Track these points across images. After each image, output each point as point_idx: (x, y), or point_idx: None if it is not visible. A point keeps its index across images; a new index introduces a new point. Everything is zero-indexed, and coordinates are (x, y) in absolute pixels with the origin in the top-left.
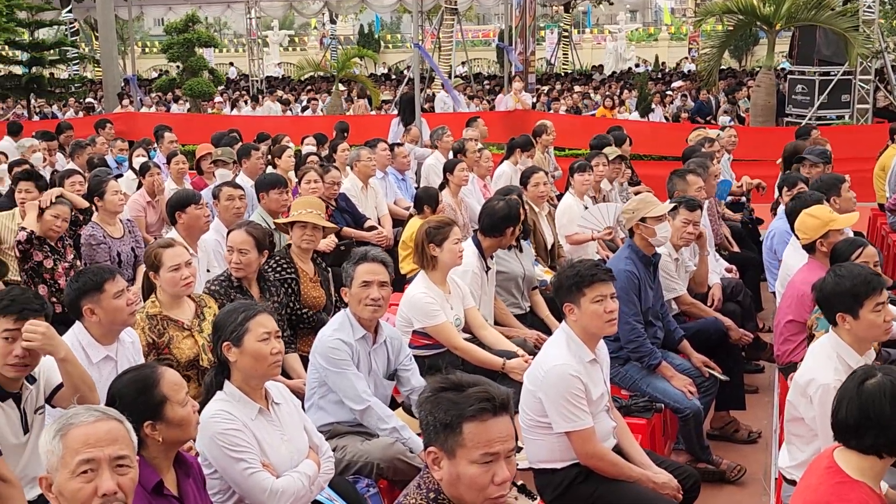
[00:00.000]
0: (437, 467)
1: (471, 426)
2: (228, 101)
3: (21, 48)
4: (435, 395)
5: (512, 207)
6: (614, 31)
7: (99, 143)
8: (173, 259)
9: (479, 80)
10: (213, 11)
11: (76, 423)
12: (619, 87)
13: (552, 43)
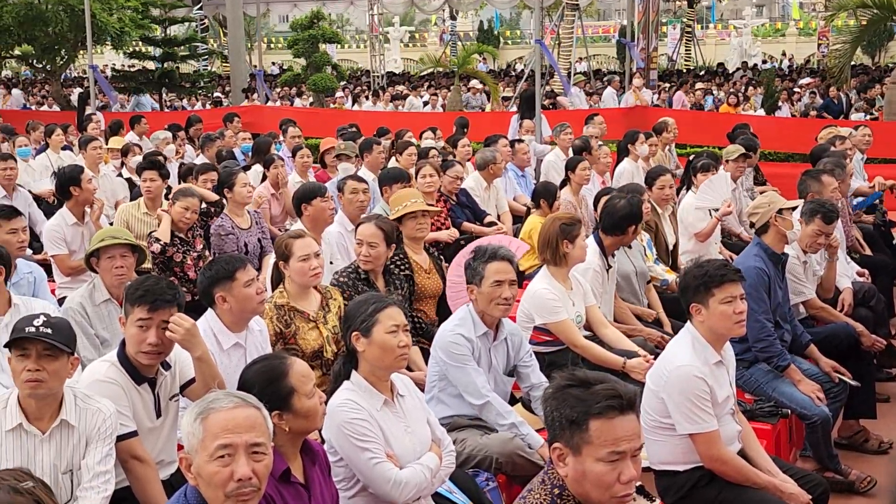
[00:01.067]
0: (563, 464)
1: (597, 423)
2: (350, 96)
3: (154, 44)
4: (561, 392)
5: (633, 206)
6: (739, 27)
7: (227, 137)
8: (303, 249)
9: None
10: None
11: (216, 409)
12: (744, 83)
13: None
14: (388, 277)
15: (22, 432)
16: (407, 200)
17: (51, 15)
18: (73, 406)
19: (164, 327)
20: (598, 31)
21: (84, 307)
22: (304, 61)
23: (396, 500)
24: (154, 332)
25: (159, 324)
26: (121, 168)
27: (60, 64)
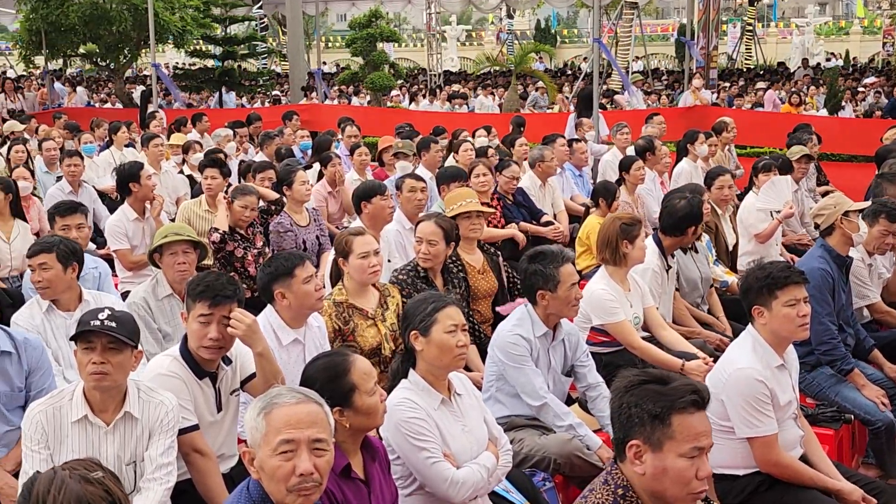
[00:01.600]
0: (639, 461)
1: (680, 419)
2: (407, 95)
3: (215, 43)
4: (638, 387)
5: (693, 206)
6: (801, 25)
7: (287, 134)
8: (363, 247)
9: (657, 76)
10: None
11: (279, 404)
12: (806, 82)
13: (734, 37)
14: (446, 276)
15: (87, 424)
16: (462, 200)
17: (115, 14)
18: (136, 398)
19: (225, 322)
20: (657, 30)
21: (147, 302)
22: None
23: (453, 499)
24: (215, 328)
25: (220, 319)
26: (182, 165)
27: (123, 62)
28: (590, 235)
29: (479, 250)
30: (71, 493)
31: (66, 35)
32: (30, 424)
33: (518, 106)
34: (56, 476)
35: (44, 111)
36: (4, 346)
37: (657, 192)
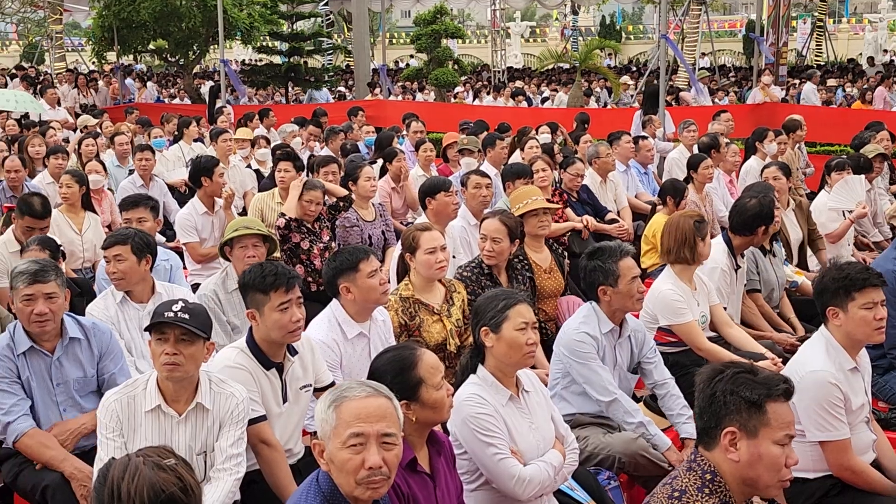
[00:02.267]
0: (734, 448)
1: (775, 406)
2: (471, 91)
3: (282, 39)
4: (731, 376)
5: (764, 206)
6: (874, 21)
7: (356, 130)
8: (430, 242)
9: (724, 72)
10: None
11: (349, 397)
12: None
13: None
14: (511, 273)
15: (160, 413)
16: (528, 198)
17: (185, 11)
18: (207, 390)
19: (300, 304)
20: (724, 26)
21: (217, 294)
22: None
23: (519, 496)
24: (297, 310)
25: (296, 301)
26: (249, 159)
27: (192, 58)
28: (656, 234)
29: (546, 249)
30: (144, 480)
31: (137, 31)
32: (105, 413)
33: (582, 102)
34: (130, 462)
35: (115, 106)
36: (74, 333)
37: (722, 191)
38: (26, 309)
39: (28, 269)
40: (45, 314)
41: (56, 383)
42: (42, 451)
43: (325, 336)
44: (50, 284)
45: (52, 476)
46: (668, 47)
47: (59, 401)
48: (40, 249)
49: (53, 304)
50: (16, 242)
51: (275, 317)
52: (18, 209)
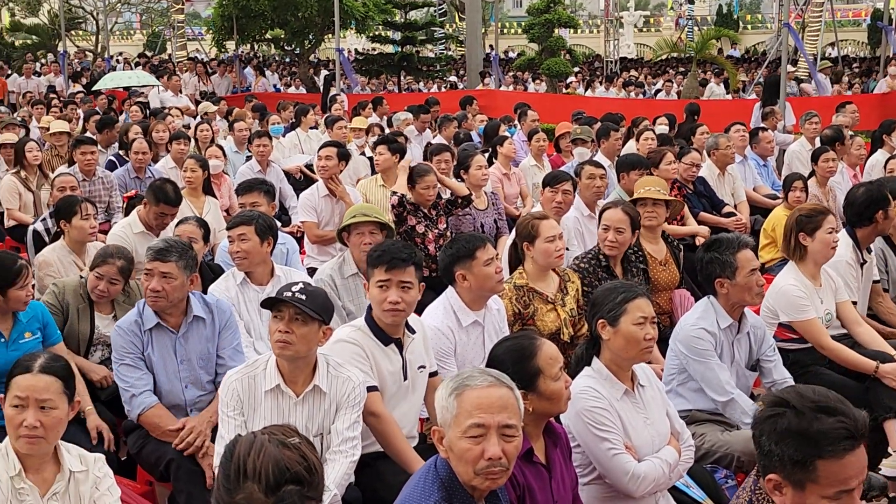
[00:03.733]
0: (779, 493)
1: (827, 465)
2: (583, 82)
3: (395, 28)
4: (780, 424)
5: (873, 191)
6: None
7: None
8: (549, 230)
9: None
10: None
11: (471, 386)
12: None
13: None
14: (625, 265)
15: (279, 393)
16: (648, 186)
17: (302, 0)
18: (325, 373)
19: (403, 286)
20: (848, 15)
21: (333, 279)
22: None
23: (633, 493)
24: (394, 291)
25: (398, 283)
26: (363, 147)
27: (308, 47)
28: (775, 228)
29: (662, 241)
30: (269, 457)
31: (255, 20)
32: (226, 391)
33: (697, 94)
34: (256, 440)
35: (233, 94)
36: (198, 312)
37: (846, 185)
38: (144, 283)
39: (155, 247)
40: (159, 291)
41: (180, 360)
42: (165, 425)
43: (440, 323)
44: (169, 264)
45: (175, 450)
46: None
47: (182, 377)
48: (197, 226)
49: (168, 283)
50: (140, 224)
51: (373, 292)
52: (154, 196)
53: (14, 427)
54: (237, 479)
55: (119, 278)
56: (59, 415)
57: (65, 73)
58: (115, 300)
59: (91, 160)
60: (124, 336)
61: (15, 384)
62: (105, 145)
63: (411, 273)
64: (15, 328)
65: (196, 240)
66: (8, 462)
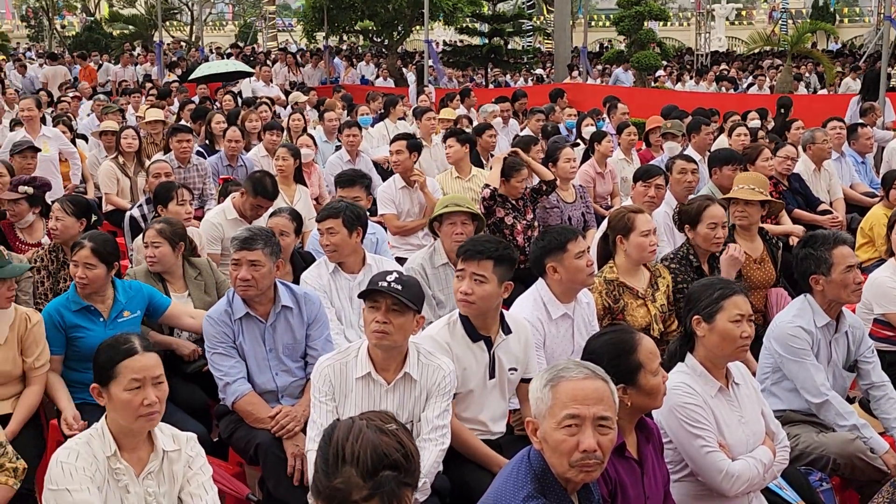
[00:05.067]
0: None
1: None
2: (672, 75)
3: (484, 20)
4: None
5: None
6: None
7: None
8: (645, 224)
9: None
10: None
11: (566, 377)
12: None
13: None
14: (712, 263)
15: (370, 381)
16: (745, 184)
17: None
18: (416, 361)
19: (476, 279)
20: None
21: (424, 268)
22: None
23: (726, 492)
24: (466, 282)
25: (471, 275)
26: None
27: (397, 39)
28: (873, 227)
29: (759, 238)
30: (367, 442)
31: (346, 12)
32: (318, 377)
33: (791, 88)
34: (354, 425)
35: (322, 85)
36: (286, 301)
37: None
38: (233, 273)
39: (239, 236)
40: (248, 280)
41: (268, 349)
42: (259, 413)
43: (529, 315)
44: (256, 252)
45: (265, 435)
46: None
47: (272, 365)
48: (289, 219)
49: (256, 271)
50: (234, 211)
51: (454, 282)
52: (252, 187)
53: (134, 408)
54: (335, 463)
55: (160, 240)
56: (166, 388)
57: (160, 63)
58: (187, 277)
59: (186, 148)
60: (216, 325)
61: (127, 368)
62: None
63: (487, 267)
64: (114, 307)
65: (287, 233)
66: (104, 442)
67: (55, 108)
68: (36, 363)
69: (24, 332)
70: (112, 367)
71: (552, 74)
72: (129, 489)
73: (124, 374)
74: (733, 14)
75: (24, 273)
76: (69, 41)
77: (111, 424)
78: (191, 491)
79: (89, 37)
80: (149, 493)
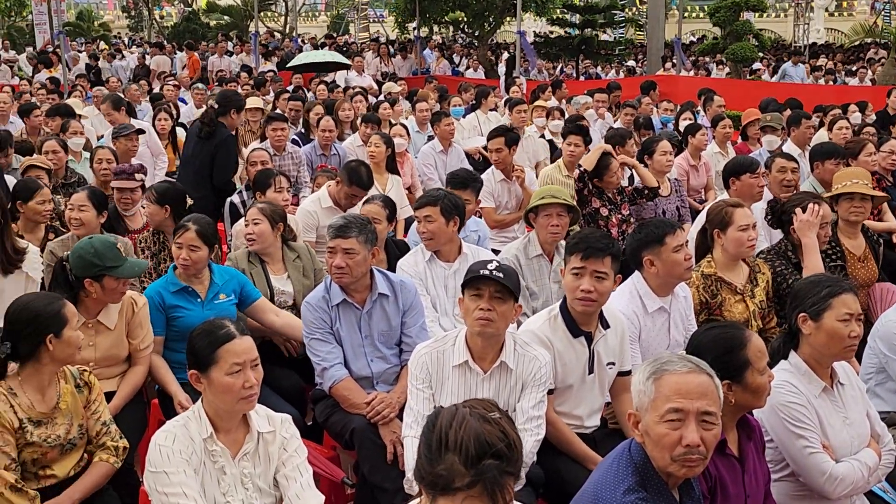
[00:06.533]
0: None
1: None
2: (769, 68)
3: (576, 11)
4: None
5: None
6: None
7: (644, 104)
8: (744, 219)
9: None
10: None
11: (670, 371)
12: None
13: None
14: None
15: (466, 369)
16: (849, 179)
17: None
18: (512, 350)
19: (597, 276)
20: None
21: (518, 259)
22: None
23: (829, 494)
24: (587, 280)
25: (592, 272)
26: (543, 129)
27: (488, 30)
28: None
29: (861, 235)
30: (471, 430)
31: (437, 3)
32: (416, 364)
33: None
34: (458, 412)
35: (412, 76)
36: (383, 289)
37: None
38: (329, 260)
39: (335, 224)
40: (342, 268)
41: (364, 335)
42: (355, 398)
43: (625, 308)
44: (350, 240)
45: (360, 420)
46: None
47: (367, 352)
48: (382, 206)
49: (351, 259)
50: (329, 199)
51: (567, 279)
52: (347, 176)
53: (235, 391)
54: (438, 450)
55: (260, 217)
56: (262, 370)
57: (256, 53)
58: (286, 259)
59: (282, 136)
60: (313, 311)
61: (227, 352)
62: (294, 123)
63: (607, 263)
64: (210, 289)
65: (380, 220)
66: (201, 425)
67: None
68: (141, 345)
69: (131, 315)
70: (212, 352)
71: (644, 66)
72: (226, 470)
73: (225, 358)
74: (833, 5)
75: (143, 272)
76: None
77: (207, 407)
78: (286, 473)
79: (187, 27)
80: (245, 474)
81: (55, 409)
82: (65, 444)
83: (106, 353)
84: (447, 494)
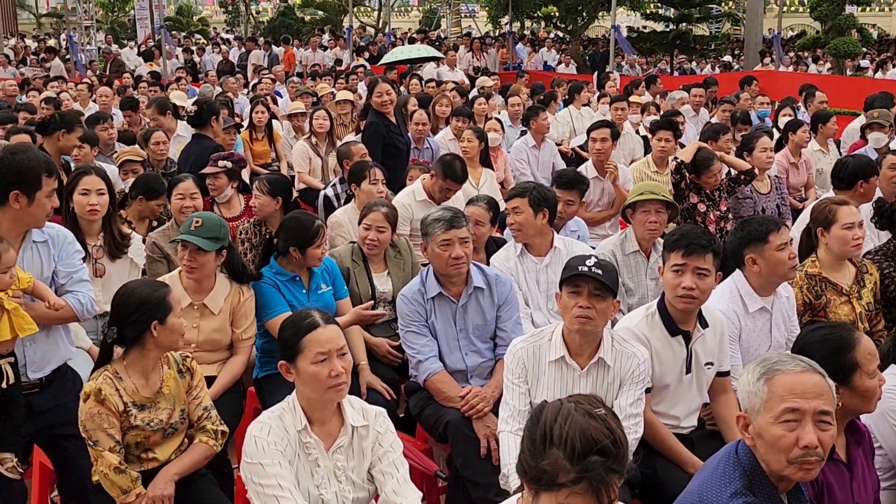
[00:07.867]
0: None
1: None
2: (875, 64)
3: (671, 5)
4: None
5: None
6: None
7: (742, 99)
8: (849, 217)
9: None
10: None
11: (783, 371)
12: None
13: None
14: None
15: (563, 365)
16: None
17: None
18: (609, 347)
19: (699, 273)
20: None
21: (614, 255)
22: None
23: None
24: (689, 277)
25: (694, 269)
26: (637, 125)
27: (581, 25)
28: None
29: None
30: (576, 425)
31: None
32: (512, 359)
33: None
34: (563, 407)
35: (505, 71)
36: (478, 283)
37: None
38: (444, 253)
39: (443, 216)
40: (461, 257)
41: (459, 329)
42: (449, 392)
43: (725, 307)
44: (463, 230)
45: (454, 414)
46: None
47: (462, 345)
48: (486, 209)
49: (467, 247)
50: (423, 192)
51: (667, 277)
52: (442, 170)
53: (322, 380)
54: (543, 444)
55: (385, 225)
56: (350, 359)
57: (350, 47)
58: (388, 256)
59: (423, 129)
60: (409, 304)
61: (312, 342)
62: None
63: (709, 260)
64: (312, 279)
65: (483, 223)
66: (295, 417)
67: (252, 91)
68: (243, 335)
69: (238, 304)
70: (297, 342)
71: (741, 61)
72: (319, 463)
73: (310, 347)
74: None
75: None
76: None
77: (301, 399)
78: (382, 468)
79: (282, 22)
80: (338, 466)
81: (158, 394)
82: (167, 428)
83: (208, 336)
84: (551, 490)
